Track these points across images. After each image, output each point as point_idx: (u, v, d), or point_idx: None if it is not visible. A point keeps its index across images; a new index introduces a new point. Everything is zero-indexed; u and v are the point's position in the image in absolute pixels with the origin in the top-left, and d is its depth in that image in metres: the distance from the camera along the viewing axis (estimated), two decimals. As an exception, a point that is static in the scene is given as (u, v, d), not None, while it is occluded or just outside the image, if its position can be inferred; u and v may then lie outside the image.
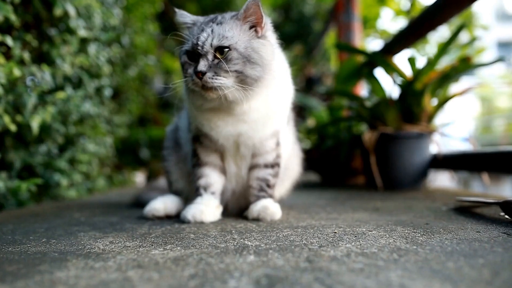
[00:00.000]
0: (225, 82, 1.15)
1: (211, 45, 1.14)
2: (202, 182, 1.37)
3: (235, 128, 1.28)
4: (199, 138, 1.37)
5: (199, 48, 1.15)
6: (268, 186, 1.38)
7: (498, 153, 1.92)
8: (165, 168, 1.61)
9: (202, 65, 1.14)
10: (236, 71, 1.15)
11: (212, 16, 1.26)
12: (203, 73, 1.13)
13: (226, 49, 1.14)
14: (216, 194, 1.37)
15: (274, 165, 1.39)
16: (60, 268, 0.79)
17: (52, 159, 2.19)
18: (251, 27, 1.20)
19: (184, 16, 1.27)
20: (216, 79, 1.14)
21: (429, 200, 1.76)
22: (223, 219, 1.37)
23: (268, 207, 1.32)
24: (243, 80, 1.16)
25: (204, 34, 1.16)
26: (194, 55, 1.18)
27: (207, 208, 1.32)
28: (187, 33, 1.24)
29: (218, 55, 1.15)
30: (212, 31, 1.16)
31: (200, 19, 1.26)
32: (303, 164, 1.69)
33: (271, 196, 1.40)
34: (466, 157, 2.20)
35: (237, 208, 1.49)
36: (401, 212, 1.43)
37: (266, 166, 1.38)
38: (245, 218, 1.37)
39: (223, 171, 1.40)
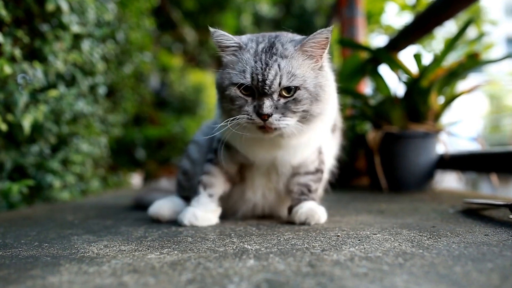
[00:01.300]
0: (290, 122, 1.10)
1: (279, 84, 1.07)
2: (205, 179, 1.33)
3: (270, 153, 1.24)
4: (228, 145, 1.30)
5: (266, 87, 1.07)
6: (310, 191, 1.34)
7: (507, 153, 1.91)
8: (182, 167, 1.55)
9: (268, 106, 1.07)
10: (303, 111, 1.10)
11: (265, 38, 1.15)
12: (270, 115, 1.07)
13: (295, 87, 1.09)
14: (213, 198, 1.33)
15: (316, 171, 1.36)
16: (52, 273, 0.79)
17: (44, 160, 2.19)
18: (313, 57, 1.13)
19: (225, 38, 1.14)
20: (282, 120, 1.08)
21: (436, 202, 1.76)
22: (222, 222, 1.37)
23: (316, 212, 1.28)
24: (305, 118, 1.12)
25: (272, 72, 1.07)
26: (252, 90, 1.10)
27: (202, 213, 1.29)
28: (233, 58, 1.14)
29: (284, 93, 1.09)
30: (279, 67, 1.07)
31: (247, 41, 1.15)
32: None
33: (313, 199, 1.35)
34: (474, 158, 2.20)
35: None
36: (407, 215, 1.43)
37: (307, 173, 1.34)
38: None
39: (232, 181, 1.36)
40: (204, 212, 1.30)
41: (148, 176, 4.66)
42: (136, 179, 4.26)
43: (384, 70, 2.60)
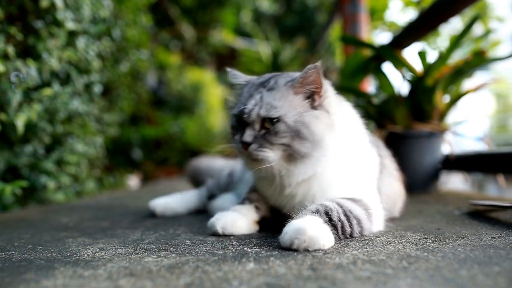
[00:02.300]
0: (270, 155, 1.11)
1: (257, 114, 1.12)
2: (251, 196, 1.29)
3: (283, 196, 1.20)
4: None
5: (245, 116, 1.13)
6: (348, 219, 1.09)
7: (514, 154, 1.91)
8: (233, 167, 1.68)
9: (248, 135, 1.12)
10: (283, 144, 1.11)
11: (266, 77, 1.22)
12: (248, 144, 1.11)
13: (275, 120, 1.10)
14: (259, 210, 1.26)
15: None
16: (47, 277, 0.79)
17: (38, 160, 2.19)
18: (307, 96, 1.14)
19: (236, 77, 1.27)
20: (260, 151, 1.11)
21: (441, 204, 1.76)
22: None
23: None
24: (290, 155, 1.11)
25: (252, 102, 1.13)
26: (241, 121, 1.16)
27: (241, 219, 1.21)
28: (240, 93, 1.24)
29: (266, 125, 1.12)
30: (261, 98, 1.13)
31: (254, 79, 1.24)
32: None
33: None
34: (480, 158, 2.20)
35: None
36: (411, 217, 1.43)
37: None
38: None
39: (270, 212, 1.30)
40: (246, 219, 1.22)
41: (147, 177, 4.67)
42: (133, 181, 4.26)
43: (387, 68, 2.61)
